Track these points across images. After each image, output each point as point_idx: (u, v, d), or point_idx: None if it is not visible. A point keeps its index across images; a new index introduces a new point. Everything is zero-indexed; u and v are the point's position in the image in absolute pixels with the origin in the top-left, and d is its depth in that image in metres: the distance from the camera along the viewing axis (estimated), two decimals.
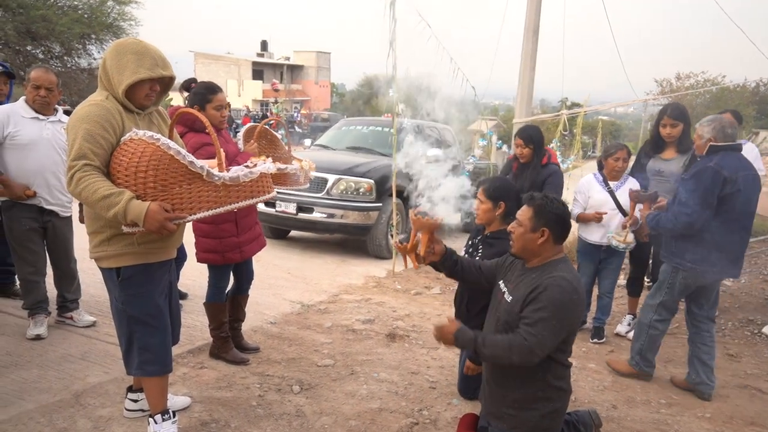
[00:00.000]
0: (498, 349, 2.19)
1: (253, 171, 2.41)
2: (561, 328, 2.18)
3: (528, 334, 2.14)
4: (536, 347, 2.14)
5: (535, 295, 2.19)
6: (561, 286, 2.17)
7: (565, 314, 2.17)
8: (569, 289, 2.18)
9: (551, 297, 2.17)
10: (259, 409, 2.94)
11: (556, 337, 2.18)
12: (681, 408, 3.30)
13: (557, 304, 2.15)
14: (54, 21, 17.09)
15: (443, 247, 2.61)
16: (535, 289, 2.21)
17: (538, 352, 2.15)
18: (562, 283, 2.18)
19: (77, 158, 2.17)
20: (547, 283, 2.19)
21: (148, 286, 2.42)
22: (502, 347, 2.18)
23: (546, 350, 2.17)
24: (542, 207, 2.31)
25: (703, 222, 3.15)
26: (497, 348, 2.19)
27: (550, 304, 2.15)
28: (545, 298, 2.17)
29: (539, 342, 2.14)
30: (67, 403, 2.81)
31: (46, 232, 3.62)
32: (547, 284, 2.18)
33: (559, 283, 2.18)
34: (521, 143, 4.19)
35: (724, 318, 4.89)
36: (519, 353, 2.15)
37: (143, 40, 2.43)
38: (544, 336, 2.14)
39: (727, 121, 3.31)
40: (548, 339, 2.15)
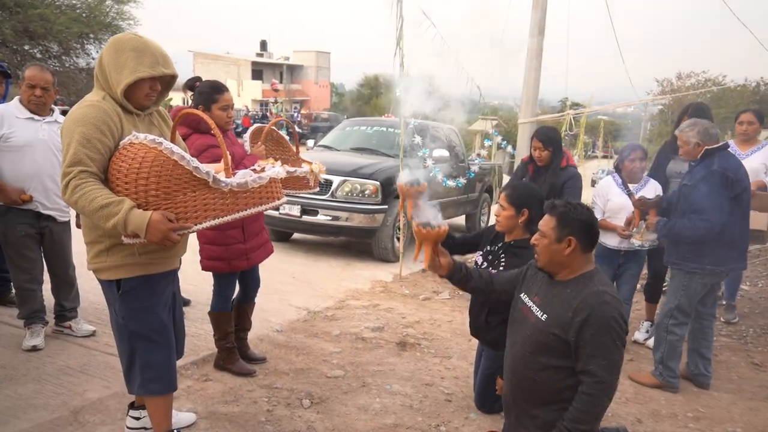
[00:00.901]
0: (591, 415, 2.07)
1: (262, 176, 2.25)
2: (622, 344, 2.09)
3: (599, 367, 2.03)
4: (613, 374, 2.06)
5: (582, 319, 2.05)
6: (608, 303, 2.05)
7: (622, 330, 2.08)
8: (615, 303, 2.08)
9: (603, 317, 2.05)
10: (269, 425, 2.79)
11: (622, 354, 2.11)
12: (709, 422, 3.15)
13: (612, 322, 2.04)
14: (52, 20, 16.92)
15: (450, 260, 2.45)
16: (579, 310, 2.07)
17: (616, 377, 2.08)
18: (606, 298, 2.06)
19: (72, 164, 2.01)
20: (591, 302, 2.05)
21: (150, 300, 2.26)
22: (592, 409, 2.06)
23: (620, 370, 2.11)
24: (565, 214, 2.16)
25: (722, 225, 3.18)
26: (589, 414, 2.06)
27: (605, 325, 2.04)
28: (597, 319, 2.05)
29: (612, 367, 2.05)
30: (65, 421, 2.65)
31: (43, 238, 3.46)
32: (592, 304, 2.05)
33: (605, 300, 2.05)
34: (540, 146, 4.01)
35: (744, 324, 4.74)
36: (606, 394, 2.07)
37: (143, 36, 2.26)
38: (614, 359, 2.06)
39: (707, 123, 3.39)
40: (619, 360, 2.08)
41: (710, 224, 3.17)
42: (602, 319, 2.03)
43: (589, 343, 2.04)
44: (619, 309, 2.09)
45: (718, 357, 4.09)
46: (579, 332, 2.06)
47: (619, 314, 2.07)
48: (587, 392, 2.05)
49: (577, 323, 2.06)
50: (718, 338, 4.46)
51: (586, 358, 2.05)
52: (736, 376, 3.80)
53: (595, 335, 2.03)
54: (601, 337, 2.02)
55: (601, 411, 2.10)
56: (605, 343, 2.03)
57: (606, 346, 2.03)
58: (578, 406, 2.07)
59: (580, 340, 2.06)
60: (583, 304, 2.06)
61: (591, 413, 2.07)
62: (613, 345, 2.04)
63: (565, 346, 2.10)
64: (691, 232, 3.25)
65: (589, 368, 2.05)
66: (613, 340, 2.04)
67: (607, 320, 2.03)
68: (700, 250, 3.29)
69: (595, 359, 2.03)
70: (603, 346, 2.02)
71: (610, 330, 2.03)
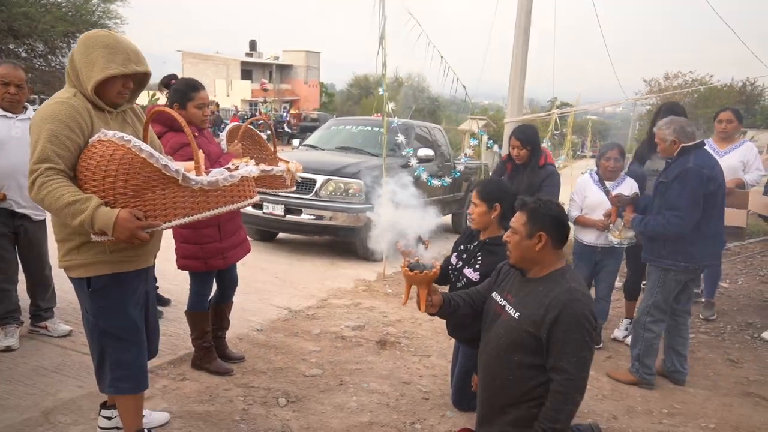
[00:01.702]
0: (564, 413, 2.08)
1: (233, 174, 2.24)
2: (592, 341, 2.11)
3: (570, 364, 2.05)
4: (583, 370, 2.08)
5: (554, 317, 2.07)
6: (579, 300, 2.07)
7: (592, 327, 2.10)
8: (586, 300, 2.11)
9: (574, 314, 2.07)
10: (243, 424, 2.78)
11: (592, 350, 2.13)
12: (684, 418, 3.18)
13: (582, 319, 2.06)
14: (37, 19, 16.74)
15: (441, 297, 2.40)
16: (551, 307, 2.09)
17: (586, 374, 2.10)
18: (578, 295, 2.09)
19: (40, 161, 1.99)
20: (563, 300, 2.07)
21: (121, 298, 2.24)
22: (564, 406, 2.08)
23: (590, 367, 2.13)
24: (536, 210, 2.18)
25: (695, 222, 3.23)
26: (562, 413, 2.08)
27: (576, 322, 2.05)
28: (568, 317, 2.06)
29: (583, 363, 2.07)
30: (35, 422, 2.63)
31: (17, 237, 3.42)
32: (564, 301, 2.07)
33: (576, 297, 2.08)
34: (518, 144, 4.04)
35: (723, 321, 4.79)
36: (577, 390, 2.08)
37: (115, 33, 2.25)
38: (584, 356, 2.08)
39: (684, 120, 3.43)
40: (589, 357, 2.10)
41: (684, 221, 3.20)
42: (573, 317, 2.05)
43: (560, 340, 2.05)
44: (590, 306, 2.11)
45: (695, 354, 4.13)
46: (550, 329, 2.07)
47: (589, 311, 2.09)
48: (559, 390, 2.07)
49: (548, 320, 2.07)
50: (696, 335, 4.51)
51: (556, 355, 2.07)
52: (712, 373, 3.84)
53: (567, 332, 2.05)
54: (572, 334, 2.04)
55: (574, 408, 2.11)
56: (576, 340, 2.05)
57: (576, 343, 2.05)
58: (552, 406, 2.09)
59: (551, 337, 2.08)
60: (555, 302, 2.08)
61: (564, 411, 2.09)
62: (583, 342, 2.06)
63: (538, 344, 2.12)
64: (665, 228, 3.28)
65: (559, 365, 2.06)
66: (583, 337, 2.06)
67: (577, 317, 2.05)
68: (675, 247, 3.32)
69: (565, 356, 2.05)
70: (573, 342, 2.04)
71: (581, 327, 2.05)
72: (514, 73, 8.58)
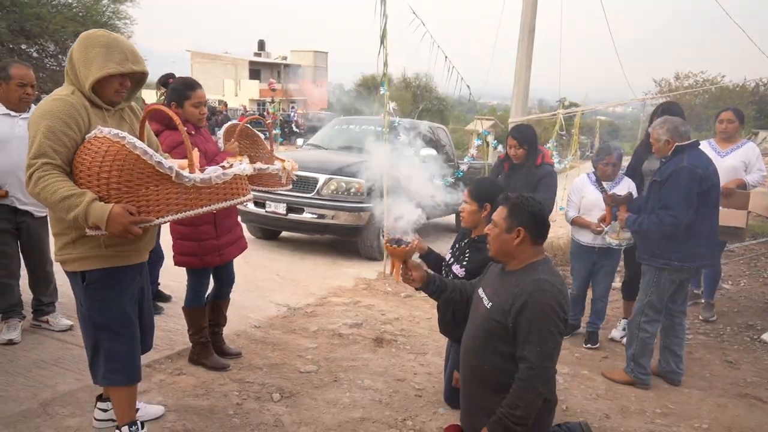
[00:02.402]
0: (524, 400, 2.08)
1: (226, 172, 2.29)
2: (559, 332, 2.11)
3: (532, 353, 2.06)
4: (546, 361, 2.08)
5: (520, 306, 2.09)
6: (546, 291, 2.08)
7: (558, 318, 2.09)
8: (553, 291, 2.09)
9: (539, 303, 2.07)
10: (236, 418, 2.82)
11: (558, 342, 2.12)
12: (677, 418, 3.18)
13: (547, 310, 2.06)
14: (48, 19, 16.94)
15: (422, 273, 2.50)
16: (518, 297, 2.10)
17: (549, 365, 2.10)
18: (545, 285, 2.09)
19: (37, 156, 2.05)
20: (530, 289, 2.08)
21: (115, 292, 2.29)
22: (524, 394, 2.08)
23: (556, 358, 2.13)
24: (516, 206, 2.21)
25: (688, 222, 3.23)
26: (522, 400, 2.08)
27: (540, 312, 2.06)
28: (533, 306, 2.07)
29: (546, 354, 2.07)
30: (33, 413, 2.68)
31: (20, 233, 3.49)
32: (530, 291, 2.08)
33: (543, 288, 2.08)
34: (515, 144, 4.07)
35: (722, 323, 4.77)
36: (539, 381, 2.08)
37: (113, 33, 2.30)
38: (548, 346, 2.08)
39: (678, 120, 3.43)
40: (553, 347, 2.10)
41: (677, 220, 3.21)
42: (538, 306, 2.06)
43: (525, 329, 2.07)
44: (558, 298, 2.11)
45: (692, 354, 4.12)
46: (516, 318, 2.10)
47: (557, 303, 2.09)
48: (521, 378, 2.09)
49: (515, 309, 2.10)
50: (695, 336, 4.50)
51: (522, 344, 2.09)
52: (708, 374, 3.83)
53: (531, 321, 2.06)
54: (536, 323, 2.06)
55: (535, 397, 2.10)
56: (540, 330, 2.06)
57: (541, 333, 2.06)
58: (512, 392, 2.11)
59: (517, 326, 2.10)
60: (522, 291, 2.11)
61: (524, 398, 2.08)
62: (547, 332, 2.07)
63: (507, 333, 2.14)
64: (659, 227, 3.29)
65: (524, 354, 2.08)
66: (548, 328, 2.07)
67: (542, 307, 2.06)
68: (669, 246, 3.33)
69: (529, 345, 2.07)
70: (537, 332, 2.06)
71: (545, 317, 2.06)
72: (518, 72, 8.57)
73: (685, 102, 32.48)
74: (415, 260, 2.57)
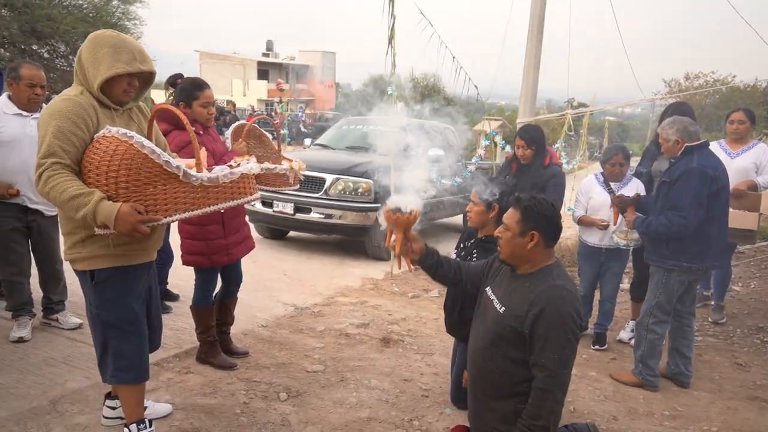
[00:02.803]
0: (545, 409, 2.07)
1: (233, 172, 2.30)
2: (575, 339, 2.11)
3: (550, 361, 2.05)
4: (564, 368, 2.08)
5: (537, 313, 2.07)
6: (563, 298, 2.07)
7: (575, 324, 2.09)
8: (570, 298, 2.09)
9: (557, 311, 2.07)
10: (243, 417, 2.83)
11: (575, 349, 2.12)
12: (686, 420, 3.15)
13: (566, 317, 2.06)
14: (58, 20, 17.10)
15: (422, 245, 2.49)
16: (534, 303, 2.09)
17: (567, 371, 2.09)
18: (562, 292, 2.08)
19: (46, 156, 2.06)
20: (547, 296, 2.07)
21: (123, 290, 2.31)
22: (545, 403, 2.07)
23: (571, 365, 2.12)
24: (529, 209, 2.19)
25: (697, 223, 3.22)
26: (544, 410, 2.07)
27: (558, 319, 2.05)
28: (551, 314, 2.06)
29: (563, 361, 2.07)
30: (43, 410, 2.71)
31: (30, 231, 3.52)
32: (547, 297, 2.07)
33: (560, 294, 2.07)
34: (523, 144, 4.05)
35: (732, 325, 4.73)
36: (558, 389, 2.07)
37: (121, 33, 2.32)
38: (566, 353, 2.07)
39: (687, 120, 3.40)
40: (570, 354, 2.09)
41: (686, 221, 3.19)
42: (556, 313, 2.05)
43: (542, 337, 2.06)
44: (575, 304, 2.11)
45: (702, 357, 4.09)
46: (533, 325, 2.08)
47: (574, 309, 2.09)
48: (539, 387, 2.07)
49: (532, 316, 2.08)
50: (704, 338, 4.46)
51: (538, 351, 2.08)
52: (718, 376, 3.79)
53: (549, 329, 2.05)
54: (554, 330, 2.04)
55: (556, 405, 2.10)
56: (558, 337, 2.04)
57: (558, 340, 2.05)
58: (533, 402, 2.09)
59: (533, 333, 2.08)
60: (539, 298, 2.08)
61: (545, 408, 2.08)
62: (565, 339, 2.06)
63: (521, 339, 2.13)
64: (667, 228, 3.27)
65: (541, 361, 2.07)
66: (566, 335, 2.06)
67: (561, 314, 2.05)
68: (677, 247, 3.30)
69: (546, 353, 2.05)
70: (555, 339, 2.04)
71: (564, 324, 2.05)
72: (527, 72, 8.55)
73: (695, 102, 32.22)
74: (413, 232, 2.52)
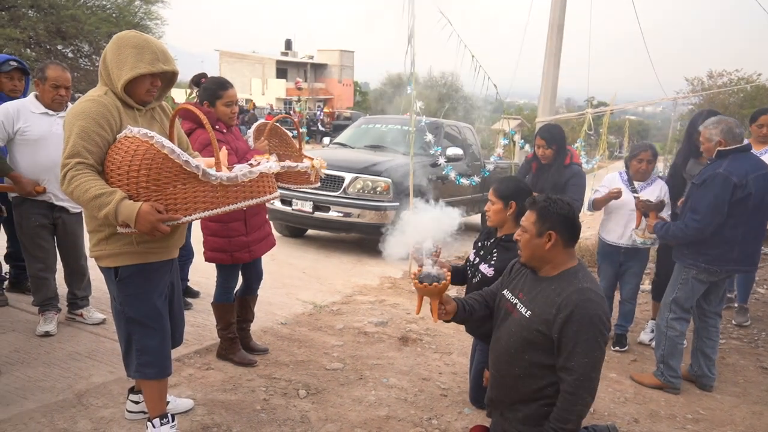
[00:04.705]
0: (574, 413, 2.07)
1: (252, 170, 2.31)
2: (604, 342, 2.09)
3: (580, 364, 2.04)
4: (593, 371, 2.06)
5: (566, 316, 2.06)
6: (592, 300, 2.05)
7: (605, 327, 2.08)
8: (599, 300, 2.08)
9: (586, 314, 2.05)
10: (263, 413, 2.86)
11: (604, 351, 2.10)
12: (709, 424, 3.11)
13: (595, 320, 2.04)
14: (83, 20, 17.43)
15: (454, 306, 2.41)
16: (562, 307, 2.08)
17: (596, 375, 2.08)
18: (590, 295, 2.06)
19: (71, 156, 2.10)
20: (575, 299, 2.06)
21: (146, 287, 2.35)
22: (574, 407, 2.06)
23: (600, 368, 2.11)
24: (546, 209, 2.17)
25: (713, 229, 3.18)
26: (573, 414, 2.07)
27: (588, 322, 2.04)
28: (580, 317, 2.05)
29: (593, 364, 2.06)
30: (69, 403, 2.77)
31: (56, 228, 3.60)
32: (576, 301, 2.05)
33: (589, 297, 2.06)
34: (543, 143, 4.02)
35: (757, 328, 4.64)
36: (588, 392, 2.06)
37: (144, 34, 2.35)
38: (596, 356, 2.06)
39: (733, 121, 3.30)
40: (600, 357, 2.08)
41: (700, 224, 3.16)
42: (585, 317, 2.03)
43: (572, 340, 2.04)
44: (603, 307, 2.09)
45: (725, 360, 4.02)
46: (562, 329, 2.06)
47: (603, 312, 2.07)
48: (569, 391, 2.06)
49: (560, 320, 2.06)
50: (728, 341, 4.38)
51: (567, 355, 2.06)
52: (742, 380, 3.73)
53: (578, 332, 2.03)
54: (583, 334, 2.03)
55: (584, 408, 2.09)
56: (587, 341, 2.03)
57: (588, 344, 2.03)
58: (562, 406, 2.08)
59: (562, 336, 2.06)
60: (567, 301, 2.07)
61: (574, 411, 2.07)
62: (595, 342, 2.04)
63: (549, 343, 2.11)
64: (683, 232, 3.26)
65: (570, 365, 2.05)
66: (595, 338, 2.04)
67: (590, 318, 2.03)
68: (697, 248, 3.28)
69: (576, 356, 2.04)
70: (585, 343, 2.03)
71: (593, 327, 2.03)
72: (546, 71, 8.48)
73: (719, 101, 31.56)
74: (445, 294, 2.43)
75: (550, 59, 8.43)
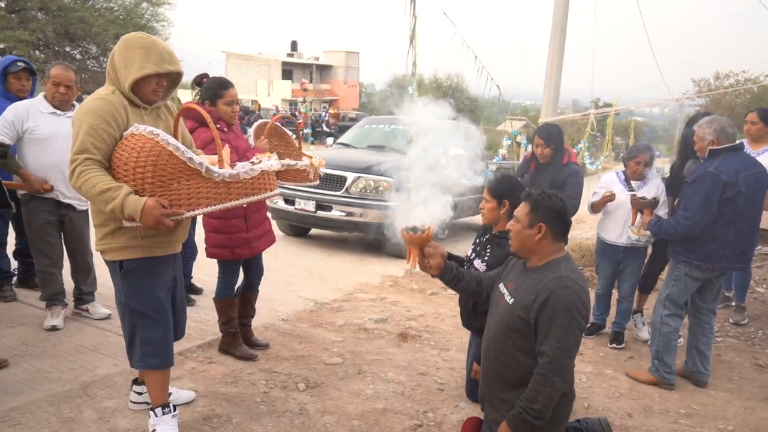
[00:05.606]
0: (542, 394, 2.11)
1: (254, 168, 2.39)
2: (579, 329, 2.14)
3: (551, 348, 2.10)
4: (565, 356, 2.11)
5: (542, 302, 2.12)
6: (568, 287, 2.11)
7: (581, 316, 2.12)
8: (576, 288, 2.12)
9: (561, 300, 2.11)
10: (263, 405, 2.93)
11: (578, 339, 2.15)
12: (701, 419, 3.15)
13: (569, 306, 2.10)
14: (91, 23, 17.62)
15: (440, 261, 2.51)
16: (540, 293, 2.14)
17: (568, 360, 2.13)
18: (568, 282, 2.12)
19: (79, 152, 2.19)
20: (552, 286, 2.12)
21: (150, 280, 2.43)
22: (542, 388, 2.11)
23: (575, 354, 2.15)
24: (539, 202, 2.25)
25: (704, 226, 3.22)
26: (541, 394, 2.11)
27: (562, 308, 2.09)
28: (555, 302, 2.11)
29: (565, 350, 2.10)
30: (75, 394, 2.85)
31: (63, 225, 3.69)
32: (552, 287, 2.11)
33: (566, 285, 2.11)
34: (541, 143, 4.08)
35: (754, 326, 4.67)
36: (557, 376, 2.10)
37: (151, 36, 2.43)
38: (568, 342, 2.11)
39: (726, 120, 3.35)
40: (572, 343, 2.12)
41: (690, 222, 3.21)
42: (561, 303, 2.09)
43: (546, 325, 2.10)
44: (580, 295, 2.14)
45: (721, 357, 4.06)
46: (538, 314, 2.13)
47: (579, 300, 2.12)
48: (540, 372, 2.12)
49: (537, 305, 2.13)
50: (724, 339, 4.42)
51: (542, 339, 2.12)
52: (736, 377, 3.77)
53: (552, 317, 2.09)
54: (557, 319, 2.09)
55: (553, 391, 2.12)
56: (560, 326, 2.08)
57: (561, 329, 2.09)
58: (531, 387, 2.14)
59: (538, 321, 2.13)
60: (544, 288, 2.13)
61: (543, 393, 2.11)
62: (568, 328, 2.09)
63: (528, 328, 2.17)
64: (674, 229, 3.32)
65: (543, 348, 2.12)
66: (568, 324, 2.09)
67: (565, 304, 2.09)
68: (688, 245, 3.33)
69: (549, 340, 2.10)
70: (558, 328, 2.08)
71: (567, 314, 2.09)
72: (549, 72, 8.53)
73: (725, 102, 31.46)
74: (431, 247, 2.55)
75: (553, 60, 8.48)
